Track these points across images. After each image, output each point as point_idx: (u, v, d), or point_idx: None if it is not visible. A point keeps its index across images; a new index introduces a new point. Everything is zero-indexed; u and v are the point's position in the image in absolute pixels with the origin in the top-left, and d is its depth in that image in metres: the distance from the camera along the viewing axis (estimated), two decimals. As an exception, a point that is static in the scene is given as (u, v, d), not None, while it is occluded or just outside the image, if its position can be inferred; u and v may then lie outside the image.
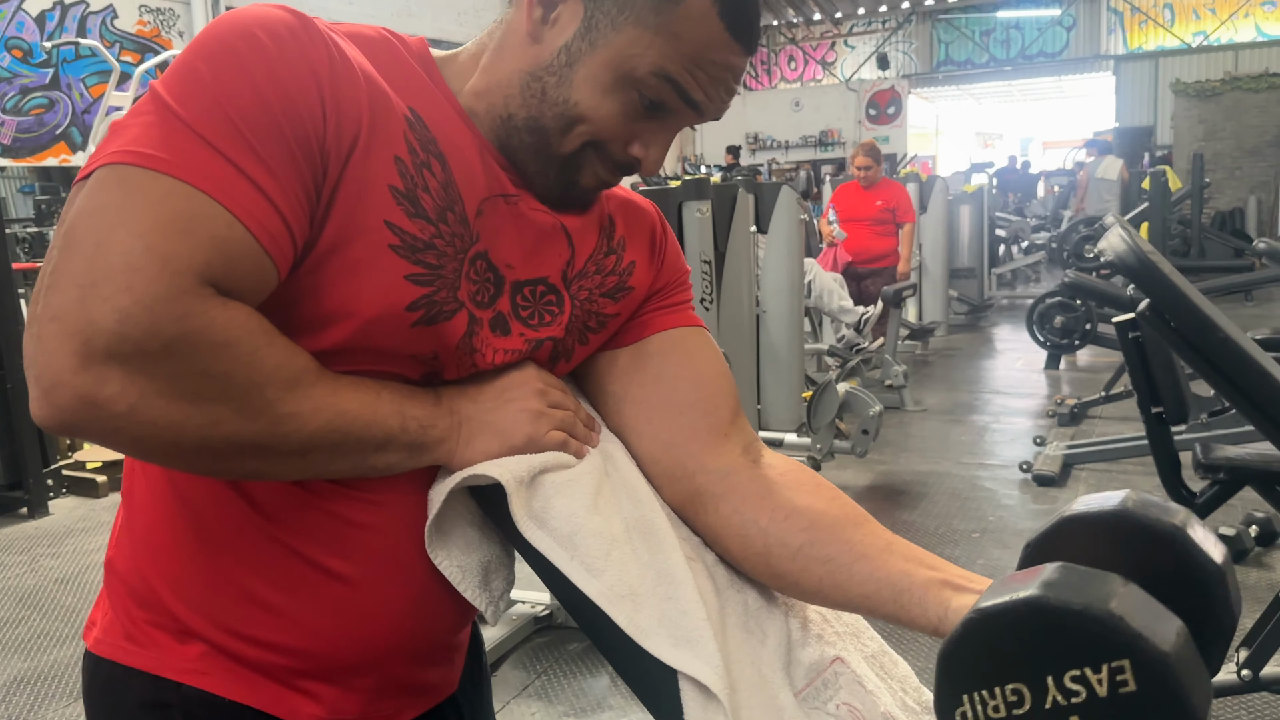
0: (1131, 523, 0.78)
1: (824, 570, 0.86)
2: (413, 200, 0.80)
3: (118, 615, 0.89)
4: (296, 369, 0.75)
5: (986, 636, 0.65)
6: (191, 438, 0.70)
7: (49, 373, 0.67)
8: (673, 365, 0.96)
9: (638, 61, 0.82)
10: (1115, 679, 0.62)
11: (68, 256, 0.68)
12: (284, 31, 0.75)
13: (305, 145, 0.74)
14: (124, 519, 0.91)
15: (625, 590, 0.82)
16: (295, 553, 0.84)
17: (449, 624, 0.94)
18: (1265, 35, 16.98)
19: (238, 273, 0.71)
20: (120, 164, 0.70)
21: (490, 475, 0.82)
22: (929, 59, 20.02)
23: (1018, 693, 0.64)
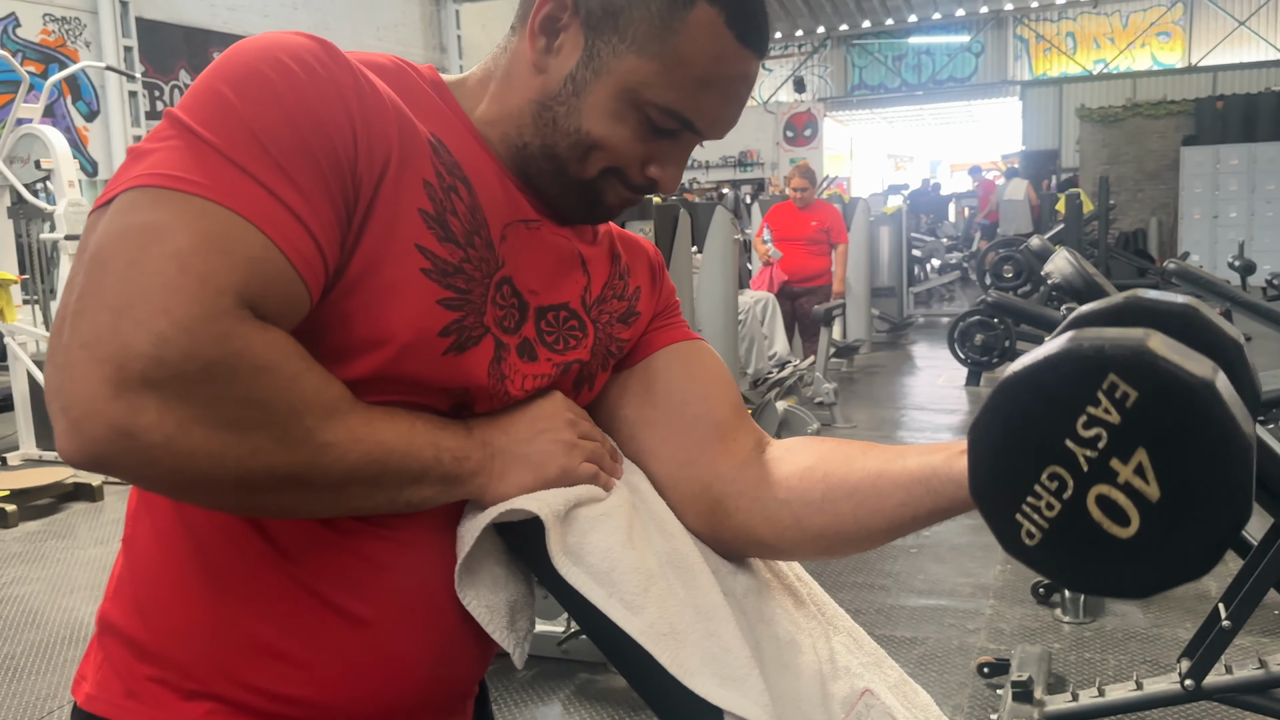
0: (1143, 307, 0.78)
1: (854, 504, 0.83)
2: (442, 224, 0.78)
3: (114, 671, 0.83)
4: (333, 397, 0.72)
5: (993, 437, 0.65)
6: (230, 470, 0.66)
7: (79, 403, 0.62)
8: (680, 380, 0.96)
9: (642, 90, 0.82)
10: (1115, 396, 0.61)
11: (97, 280, 0.64)
12: (310, 58, 0.73)
13: (337, 170, 0.72)
14: (125, 569, 0.85)
15: (666, 628, 0.80)
16: (315, 595, 0.80)
17: (470, 671, 0.90)
18: (1160, 64, 17.77)
19: (273, 296, 0.68)
20: (150, 186, 0.67)
21: (529, 510, 0.79)
22: (844, 83, 20.47)
23: (1055, 476, 0.63)
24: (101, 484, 5.25)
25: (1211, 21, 17.47)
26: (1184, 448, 0.61)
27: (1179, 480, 0.61)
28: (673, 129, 0.84)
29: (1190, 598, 3.48)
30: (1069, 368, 0.63)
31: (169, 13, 10.98)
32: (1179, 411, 0.60)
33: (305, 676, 0.80)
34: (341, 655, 0.80)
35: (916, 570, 3.84)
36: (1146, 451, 0.61)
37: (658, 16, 0.80)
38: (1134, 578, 0.63)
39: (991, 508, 0.67)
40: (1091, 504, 0.63)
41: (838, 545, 0.87)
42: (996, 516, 0.67)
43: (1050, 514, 0.64)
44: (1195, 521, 0.61)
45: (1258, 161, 14.73)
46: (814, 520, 0.86)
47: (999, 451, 0.66)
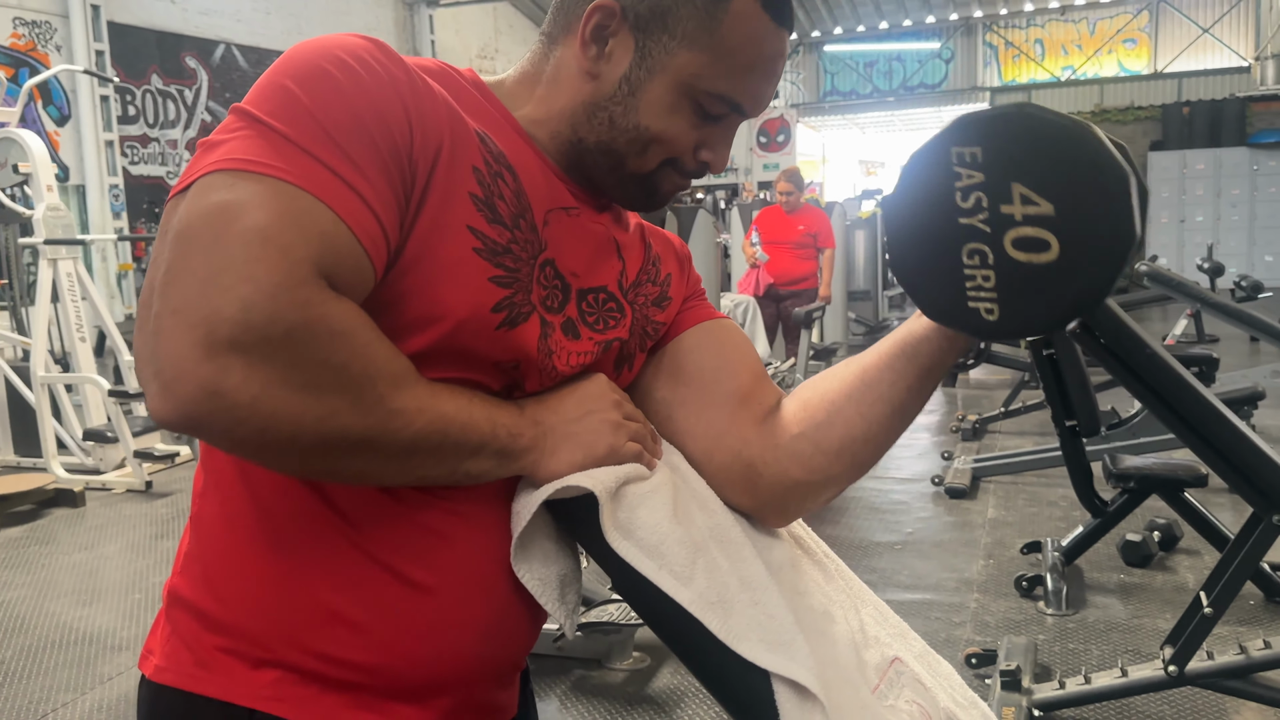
0: None
1: (855, 405, 0.91)
2: (490, 207, 0.83)
3: (183, 642, 0.86)
4: (402, 367, 0.76)
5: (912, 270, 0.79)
6: (309, 431, 0.70)
7: (171, 365, 0.66)
8: (709, 358, 1.01)
9: (695, 82, 0.88)
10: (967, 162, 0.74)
11: (184, 254, 0.68)
12: (367, 56, 0.78)
13: (396, 155, 0.76)
14: (193, 545, 0.89)
15: (715, 597, 0.84)
16: (381, 564, 0.84)
17: (523, 642, 0.94)
18: (1127, 71, 18.05)
19: (343, 270, 0.72)
20: (226, 170, 0.71)
21: (584, 486, 0.83)
22: (816, 89, 20.62)
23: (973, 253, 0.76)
24: (83, 489, 5.23)
25: (1176, 29, 17.77)
26: (1041, 157, 0.72)
27: (1059, 185, 0.72)
28: (722, 113, 0.90)
29: (1169, 590, 3.56)
30: (920, 167, 0.77)
31: (141, 17, 10.91)
32: (1016, 136, 0.73)
33: (369, 642, 0.83)
34: (405, 621, 0.84)
35: (901, 566, 3.90)
36: (1019, 183, 0.73)
37: (703, 11, 0.87)
38: (1087, 283, 0.72)
39: (951, 315, 0.78)
40: (1013, 251, 0.74)
41: (861, 450, 0.93)
42: (958, 317, 0.78)
43: (990, 284, 0.75)
44: (1099, 203, 0.71)
45: (1223, 166, 15.00)
46: (830, 437, 0.92)
47: (919, 270, 0.78)
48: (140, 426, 5.56)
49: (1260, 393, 4.66)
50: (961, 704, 0.96)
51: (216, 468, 0.87)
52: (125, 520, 4.90)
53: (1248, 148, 14.90)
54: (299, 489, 0.83)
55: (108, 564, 4.27)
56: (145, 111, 10.88)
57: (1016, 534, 4.18)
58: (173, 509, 5.04)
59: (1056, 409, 3.48)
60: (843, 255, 9.03)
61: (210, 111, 11.53)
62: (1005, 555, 3.95)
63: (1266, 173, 14.79)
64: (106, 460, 5.57)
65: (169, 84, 11.12)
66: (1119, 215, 0.71)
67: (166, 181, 11.05)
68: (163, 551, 4.39)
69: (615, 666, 3.09)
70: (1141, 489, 3.51)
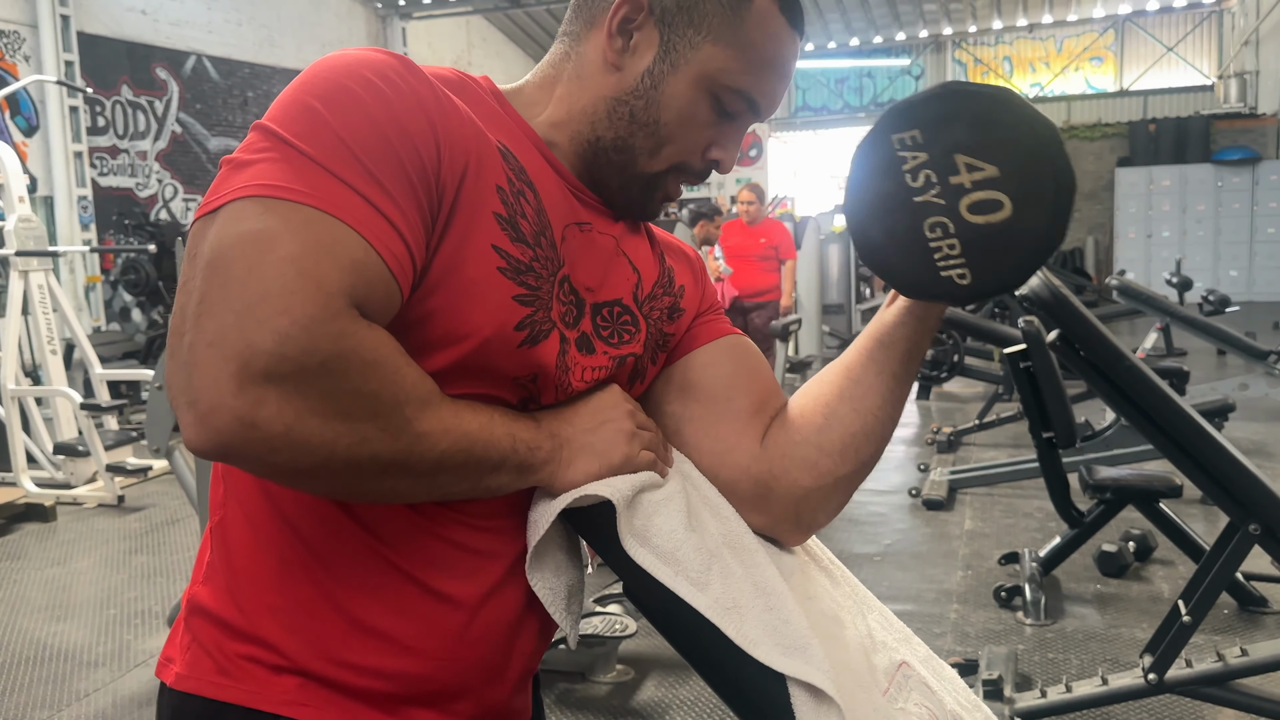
0: None
1: (847, 403, 0.94)
2: (514, 226, 0.83)
3: (204, 650, 0.86)
4: (428, 390, 0.76)
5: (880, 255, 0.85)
6: (341, 457, 0.71)
7: (207, 396, 0.67)
8: (723, 376, 1.01)
9: (719, 76, 0.90)
10: (909, 144, 0.81)
11: (218, 285, 0.68)
12: (392, 74, 0.78)
13: (423, 176, 0.76)
14: (216, 555, 0.88)
15: (730, 603, 0.85)
16: (408, 576, 0.84)
17: (536, 647, 0.94)
18: (1094, 88, 18.31)
19: (374, 296, 0.72)
20: (258, 196, 0.71)
21: (601, 494, 0.84)
22: (788, 105, 20.75)
23: (933, 226, 0.82)
24: (54, 504, 5.16)
25: (1142, 47, 18.06)
26: (975, 126, 0.79)
27: (997, 148, 0.79)
28: (739, 111, 0.92)
29: (1145, 599, 3.60)
30: (867, 160, 0.83)
31: (111, 27, 10.82)
32: (949, 112, 0.80)
33: (394, 649, 0.84)
34: (429, 629, 0.85)
35: (881, 578, 3.92)
36: (961, 154, 0.80)
37: (728, 8, 0.89)
38: (1043, 229, 0.79)
39: (927, 288, 0.84)
40: (970, 216, 0.80)
41: (863, 446, 0.95)
42: (934, 289, 0.83)
43: (956, 251, 0.81)
44: (1038, 155, 0.78)
45: (1189, 183, 15.24)
46: (830, 439, 0.94)
47: (888, 254, 0.83)
48: (112, 440, 5.49)
49: (1230, 405, 4.74)
50: (966, 707, 0.98)
51: (236, 479, 0.87)
52: (97, 535, 4.84)
53: (1212, 164, 15.15)
54: (322, 503, 0.83)
55: (80, 579, 4.21)
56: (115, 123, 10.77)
57: (994, 545, 4.22)
58: (146, 523, 4.99)
59: (1034, 421, 3.53)
60: (816, 269, 9.08)
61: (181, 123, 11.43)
62: (983, 566, 3.98)
63: (1230, 189, 15.04)
64: (78, 474, 5.50)
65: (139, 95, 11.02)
66: (1057, 161, 0.78)
67: (135, 193, 10.94)
68: (136, 566, 4.34)
69: (599, 680, 3.08)
70: (1117, 500, 3.56)
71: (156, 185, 11.21)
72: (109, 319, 10.21)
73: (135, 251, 8.66)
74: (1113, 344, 2.48)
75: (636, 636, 3.08)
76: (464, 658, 0.87)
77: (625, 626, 3.04)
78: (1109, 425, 4.65)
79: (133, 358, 8.59)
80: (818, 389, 0.97)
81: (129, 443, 5.65)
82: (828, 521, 0.99)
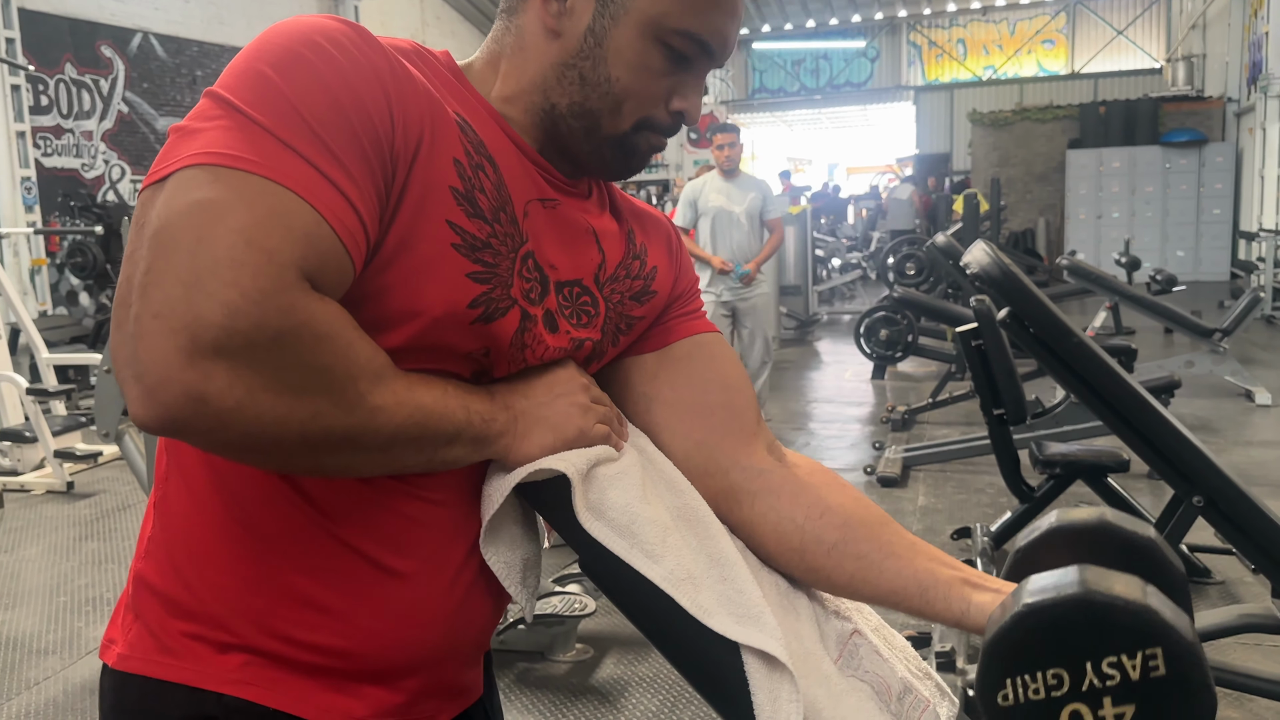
0: (1111, 533, 0.90)
1: (856, 566, 0.92)
2: (471, 201, 0.82)
3: (148, 629, 0.85)
4: (381, 363, 0.75)
5: (1034, 626, 0.74)
6: (294, 432, 0.70)
7: (154, 370, 0.65)
8: (701, 369, 1.01)
9: (662, 20, 0.86)
10: (1148, 664, 0.72)
11: (165, 255, 0.66)
12: (346, 41, 0.76)
13: (377, 148, 0.75)
14: (157, 530, 0.87)
15: (684, 574, 0.85)
16: (355, 550, 0.84)
17: (487, 623, 0.94)
18: (1046, 71, 18.54)
19: (326, 269, 0.71)
20: (208, 164, 0.69)
21: (556, 468, 0.84)
22: (745, 86, 20.79)
23: (1058, 676, 0.73)
24: (1, 491, 5.05)
25: (1093, 30, 18.31)
26: None
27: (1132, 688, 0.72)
28: (691, 54, 0.88)
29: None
30: (1137, 621, 0.72)
31: (53, 4, 10.55)
32: (1181, 707, 0.72)
33: (341, 627, 0.83)
34: (378, 606, 0.84)
35: (837, 554, 3.97)
36: (1135, 708, 0.72)
37: None
38: None
39: (994, 659, 0.75)
40: (1065, 714, 0.74)
41: (819, 583, 0.96)
42: (994, 670, 0.75)
43: (1033, 698, 0.74)
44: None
45: (1138, 164, 15.49)
46: (816, 558, 0.93)
47: (1037, 633, 0.74)
48: (60, 425, 5.40)
49: (1176, 382, 4.84)
50: (917, 675, 0.99)
51: (180, 452, 0.86)
52: (46, 522, 4.76)
53: (1160, 146, 15.41)
54: (269, 478, 0.82)
55: (29, 567, 4.14)
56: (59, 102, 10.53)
57: (946, 520, 4.28)
58: (96, 510, 4.91)
59: (985, 398, 3.58)
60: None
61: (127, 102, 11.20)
62: (936, 541, 4.04)
63: (1178, 171, 15.31)
64: (25, 461, 5.40)
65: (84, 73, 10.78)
66: None
67: (81, 174, 10.71)
68: (87, 553, 4.28)
69: (559, 659, 3.09)
70: (1067, 475, 3.62)
71: (103, 166, 10.98)
72: (55, 303, 10.01)
73: (82, 234, 8.49)
74: (1061, 321, 2.52)
75: (596, 615, 3.09)
76: (413, 634, 0.86)
77: (584, 605, 3.05)
78: (1059, 402, 4.73)
79: (80, 342, 8.42)
80: (847, 518, 0.94)
81: (78, 428, 5.56)
82: None
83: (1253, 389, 6.43)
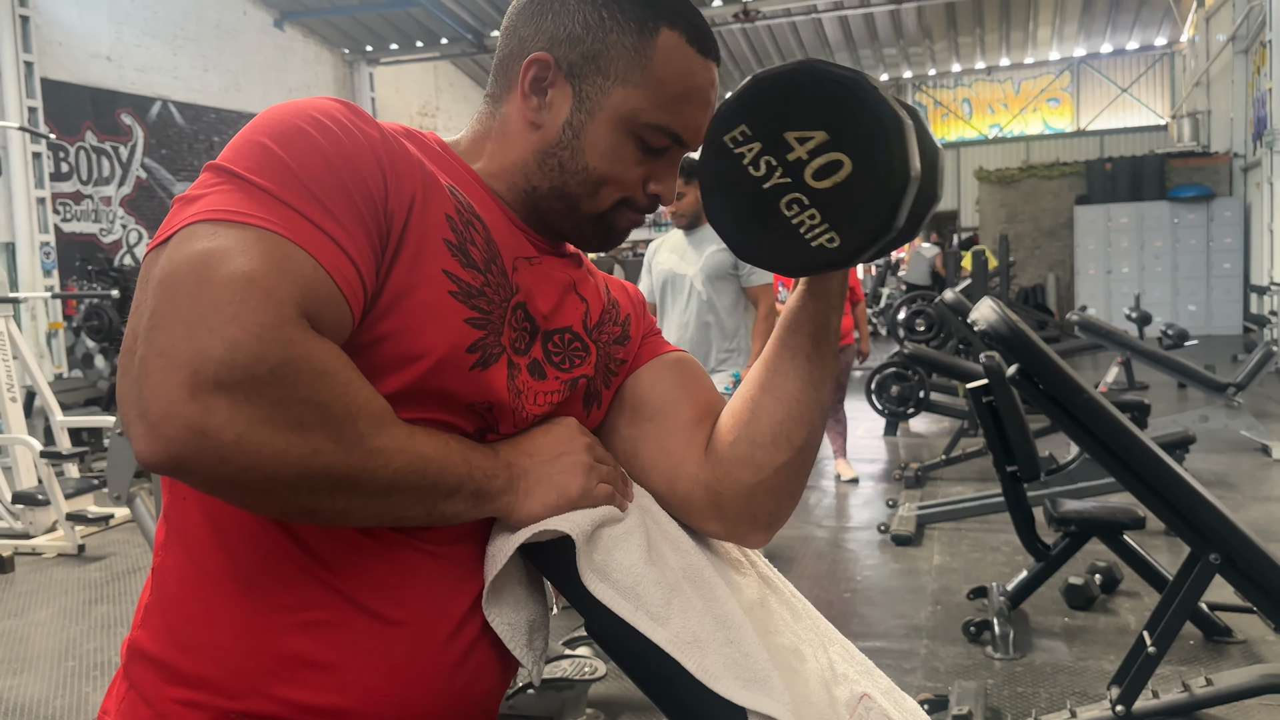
0: None
1: (769, 394, 0.96)
2: (464, 252, 0.86)
3: (141, 698, 0.85)
4: (381, 407, 0.77)
5: (752, 245, 0.87)
6: (293, 468, 0.71)
7: (157, 405, 0.67)
8: (664, 389, 1.03)
9: (635, 116, 0.93)
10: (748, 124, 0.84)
11: (169, 299, 0.69)
12: (340, 116, 0.82)
13: (371, 207, 0.79)
14: (154, 597, 0.88)
15: (690, 637, 0.85)
16: (353, 601, 0.84)
17: (494, 686, 0.93)
18: (1052, 129, 18.71)
19: (324, 314, 0.74)
20: (208, 220, 0.73)
21: (560, 529, 0.84)
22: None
23: (790, 204, 0.84)
24: (12, 554, 5.06)
25: (1097, 89, 18.50)
26: (790, 101, 0.82)
27: (816, 113, 0.82)
28: (664, 146, 0.95)
29: (1112, 631, 3.62)
30: (711, 166, 0.86)
31: (75, 74, 10.79)
32: (764, 98, 0.83)
33: (339, 683, 0.83)
34: (375, 659, 0.84)
35: (851, 614, 3.92)
36: (788, 130, 0.82)
37: (632, 50, 0.91)
38: (889, 172, 0.80)
39: (806, 263, 0.86)
40: (817, 183, 0.82)
41: (792, 430, 0.96)
42: (811, 261, 0.85)
43: (817, 219, 0.83)
44: (855, 107, 0.80)
45: (1145, 220, 15.54)
46: (759, 429, 0.96)
47: (760, 245, 0.86)
48: (72, 488, 5.41)
49: (1191, 437, 4.81)
50: (928, 740, 0.98)
51: (181, 516, 0.87)
52: (56, 585, 4.75)
53: (1168, 202, 15.46)
54: (270, 531, 0.83)
55: (38, 631, 4.12)
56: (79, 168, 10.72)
57: (962, 580, 4.23)
58: (106, 573, 4.90)
59: (998, 455, 3.56)
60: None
61: (145, 168, 11.40)
62: (952, 601, 3.99)
63: (1186, 225, 15.35)
64: (37, 524, 5.40)
65: (104, 140, 10.98)
66: (876, 105, 0.80)
67: (99, 239, 10.87)
68: (96, 617, 4.26)
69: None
70: (1082, 532, 3.59)
71: (121, 231, 11.14)
72: (71, 366, 10.09)
73: (98, 297, 8.57)
74: (1070, 377, 2.51)
75: (607, 679, 3.05)
76: (410, 689, 0.86)
77: (594, 669, 3.01)
78: (1072, 459, 4.70)
79: (95, 404, 8.48)
80: (743, 389, 1.00)
81: (90, 491, 5.56)
82: (786, 515, 1.00)
83: (1269, 443, 6.37)
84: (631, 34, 0.91)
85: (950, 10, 15.88)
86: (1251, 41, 13.50)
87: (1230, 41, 14.24)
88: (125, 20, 11.26)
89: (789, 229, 0.84)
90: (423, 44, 15.01)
